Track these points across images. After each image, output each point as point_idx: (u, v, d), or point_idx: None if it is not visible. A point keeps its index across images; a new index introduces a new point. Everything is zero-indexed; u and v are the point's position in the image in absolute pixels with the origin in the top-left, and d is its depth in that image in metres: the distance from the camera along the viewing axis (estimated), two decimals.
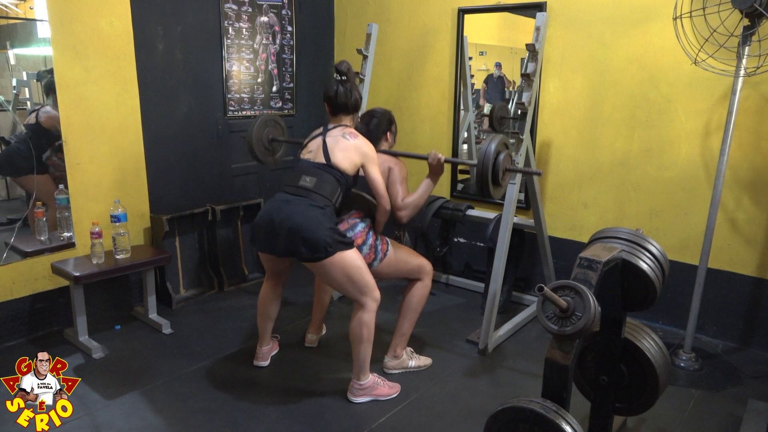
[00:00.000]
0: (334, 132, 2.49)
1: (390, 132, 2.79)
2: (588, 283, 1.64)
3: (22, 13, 2.87)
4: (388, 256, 2.59)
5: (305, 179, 2.40)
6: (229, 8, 3.69)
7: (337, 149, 2.43)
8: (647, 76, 3.09)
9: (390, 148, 2.79)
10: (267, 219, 2.37)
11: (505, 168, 2.34)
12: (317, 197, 2.35)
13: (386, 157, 2.65)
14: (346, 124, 2.54)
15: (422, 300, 2.71)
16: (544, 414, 1.54)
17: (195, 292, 3.66)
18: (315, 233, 2.27)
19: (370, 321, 2.42)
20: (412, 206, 2.56)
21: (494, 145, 2.25)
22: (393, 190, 2.58)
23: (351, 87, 2.50)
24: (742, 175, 2.92)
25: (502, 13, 3.63)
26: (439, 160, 2.53)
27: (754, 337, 3.04)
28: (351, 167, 2.44)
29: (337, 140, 2.46)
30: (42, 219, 3.04)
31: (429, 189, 2.58)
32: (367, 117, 2.77)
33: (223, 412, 2.43)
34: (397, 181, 2.59)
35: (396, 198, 2.56)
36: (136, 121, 3.32)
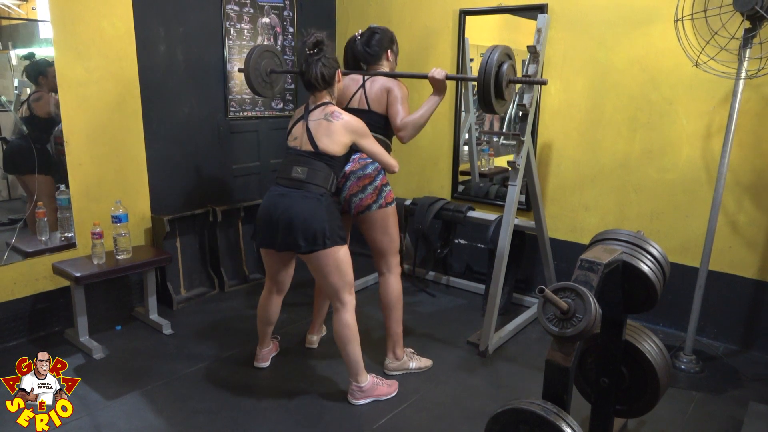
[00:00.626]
0: (316, 113, 2.38)
1: (391, 51, 2.67)
2: (589, 284, 1.64)
3: (24, 14, 2.87)
4: (388, 209, 2.59)
5: (297, 170, 2.36)
6: (231, 9, 3.70)
7: (322, 134, 2.34)
8: (648, 78, 3.09)
9: (391, 70, 2.69)
10: (266, 214, 2.38)
11: (509, 79, 2.26)
12: (312, 187, 2.33)
13: (385, 79, 2.58)
14: (326, 102, 2.40)
15: (398, 296, 2.70)
16: (544, 416, 1.54)
17: (196, 293, 3.66)
18: (312, 225, 2.28)
19: (351, 320, 2.43)
20: (412, 125, 2.48)
21: (496, 55, 2.17)
22: (392, 110, 2.52)
23: (318, 61, 2.32)
24: (743, 177, 2.91)
25: (504, 14, 3.63)
26: (440, 74, 2.46)
27: (754, 340, 3.03)
28: (341, 148, 2.35)
29: (320, 123, 2.35)
30: (43, 219, 3.04)
31: (432, 107, 2.50)
32: (368, 34, 2.64)
33: (224, 413, 2.43)
34: (397, 100, 2.52)
35: (396, 118, 2.50)
36: (138, 121, 3.33)
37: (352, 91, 2.65)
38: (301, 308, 3.47)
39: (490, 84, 2.19)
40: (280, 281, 2.64)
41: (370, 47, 2.63)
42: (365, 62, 2.66)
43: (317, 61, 2.33)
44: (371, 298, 3.64)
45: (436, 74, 2.48)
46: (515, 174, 2.92)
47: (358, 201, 2.57)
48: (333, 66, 2.38)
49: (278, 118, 4.12)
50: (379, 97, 2.57)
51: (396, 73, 2.65)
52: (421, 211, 3.57)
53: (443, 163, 4.01)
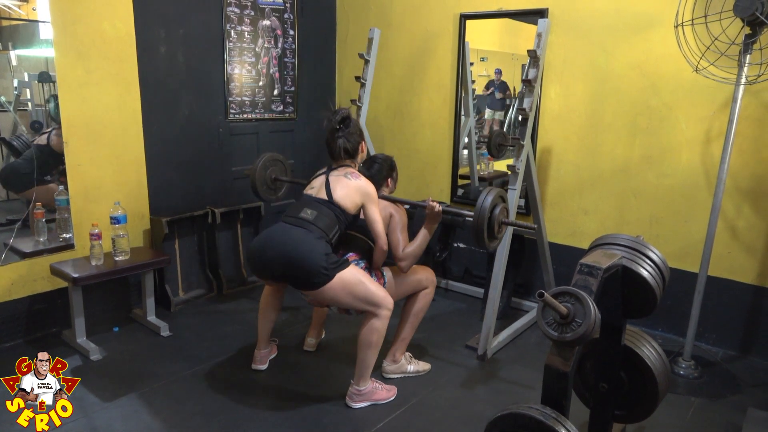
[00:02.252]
0: (337, 172, 2.55)
1: (391, 178, 2.85)
2: (588, 289, 1.64)
3: (24, 15, 2.88)
4: (389, 277, 2.63)
5: (306, 211, 2.44)
6: (232, 11, 3.70)
7: (338, 187, 2.49)
8: (648, 84, 3.10)
9: (390, 194, 2.82)
10: (261, 245, 2.42)
11: (500, 221, 2.38)
12: (314, 228, 2.38)
13: (386, 204, 2.68)
14: (349, 165, 2.59)
15: (425, 306, 2.73)
16: (543, 421, 1.54)
17: (194, 295, 3.66)
18: (309, 259, 2.29)
19: (382, 328, 2.43)
20: (412, 256, 2.58)
21: (490, 198, 2.30)
22: (393, 238, 2.60)
23: (345, 135, 2.54)
24: (742, 182, 2.92)
25: (504, 19, 3.64)
26: (436, 210, 2.55)
27: (753, 346, 3.03)
28: (352, 206, 2.48)
29: (340, 179, 2.51)
30: (41, 220, 3.04)
31: (427, 238, 2.59)
32: (369, 162, 2.83)
33: (221, 416, 2.43)
34: (397, 228, 2.62)
35: (397, 248, 2.59)
36: (137, 123, 3.32)
37: None
38: (300, 311, 3.46)
39: (484, 226, 2.29)
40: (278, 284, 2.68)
41: (371, 175, 2.73)
42: None
43: (341, 137, 2.54)
44: None
45: (432, 209, 2.55)
46: (515, 178, 2.92)
47: None
48: (356, 141, 2.58)
49: (278, 121, 4.13)
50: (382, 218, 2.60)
51: (397, 199, 2.74)
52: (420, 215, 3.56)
53: (443, 167, 4.01)
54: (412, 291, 2.70)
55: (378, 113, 4.22)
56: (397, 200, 2.74)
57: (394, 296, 2.61)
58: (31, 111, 3.08)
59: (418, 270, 2.70)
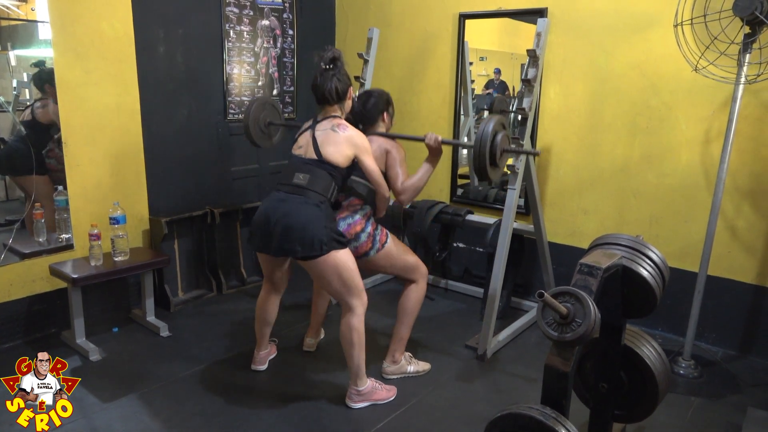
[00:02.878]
0: (323, 124, 2.44)
1: (387, 113, 2.73)
2: (588, 289, 1.64)
3: (23, 15, 2.87)
4: (387, 248, 2.59)
5: (299, 176, 2.37)
6: (231, 11, 3.70)
7: (327, 143, 2.38)
8: (648, 83, 3.10)
9: (387, 131, 2.74)
10: (263, 218, 2.36)
11: (502, 149, 2.31)
12: (312, 194, 2.33)
13: (383, 140, 2.61)
14: (335, 115, 2.46)
15: (418, 303, 2.71)
16: (543, 421, 1.54)
17: (193, 295, 3.65)
18: (310, 231, 2.27)
19: (359, 325, 2.42)
20: (412, 189, 2.52)
21: (491, 125, 2.22)
22: (392, 172, 2.55)
23: (334, 76, 2.40)
24: (742, 182, 2.91)
25: (503, 18, 3.63)
26: (436, 140, 2.50)
27: (753, 345, 3.03)
28: (343, 160, 2.39)
29: (327, 134, 2.40)
30: (40, 220, 3.03)
31: (429, 171, 2.54)
32: (364, 96, 2.71)
33: (221, 416, 2.42)
34: (396, 163, 2.56)
35: (396, 181, 2.53)
36: (137, 123, 3.32)
37: None
38: (300, 311, 3.46)
39: (486, 153, 2.25)
40: (276, 281, 2.66)
41: (366, 110, 2.68)
42: (362, 123, 2.69)
43: (333, 76, 2.41)
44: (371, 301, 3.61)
45: (431, 141, 2.51)
46: (514, 178, 2.92)
47: (354, 249, 2.55)
48: (346, 82, 2.45)
49: None
50: (378, 157, 2.59)
51: (393, 135, 2.68)
52: (419, 215, 3.56)
53: (442, 167, 4.01)
54: (403, 271, 2.66)
55: None
56: (395, 136, 2.67)
57: (389, 263, 2.59)
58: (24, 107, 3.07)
59: (412, 257, 2.67)
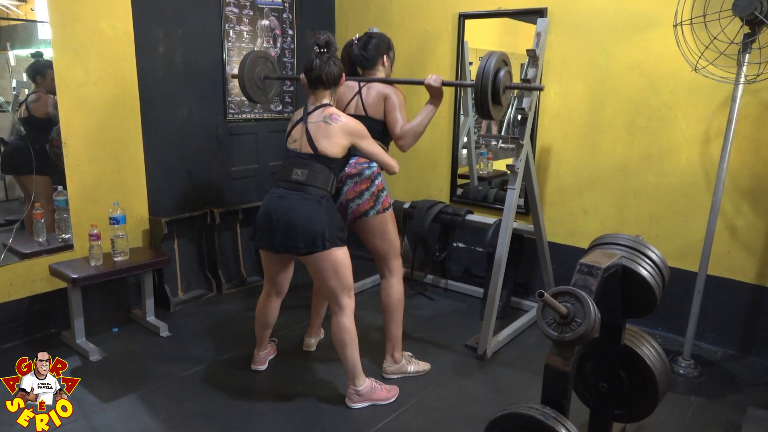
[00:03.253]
0: (314, 115, 2.38)
1: (387, 57, 2.68)
2: (588, 289, 1.64)
3: (22, 15, 2.87)
4: (386, 215, 2.59)
5: (297, 172, 2.36)
6: (230, 11, 3.70)
7: (320, 136, 2.35)
8: (648, 83, 3.10)
9: (387, 76, 2.70)
10: (265, 216, 2.38)
11: (505, 85, 2.28)
12: (312, 189, 2.33)
13: (382, 85, 2.58)
14: (327, 103, 2.41)
15: (400, 299, 2.70)
16: (543, 421, 1.54)
17: (193, 295, 3.65)
18: (312, 227, 2.28)
19: (350, 324, 2.42)
20: (411, 133, 2.49)
21: (493, 61, 2.20)
22: (391, 117, 2.52)
23: (328, 60, 2.36)
24: (741, 182, 2.92)
25: (503, 18, 3.63)
26: (437, 81, 2.47)
27: (753, 345, 3.03)
28: (340, 150, 2.37)
29: (319, 126, 2.36)
30: (40, 220, 3.03)
31: (429, 115, 2.51)
32: (365, 38, 2.65)
33: (221, 416, 2.42)
34: (395, 108, 2.53)
35: (395, 126, 2.50)
36: (136, 123, 3.32)
37: (348, 98, 2.65)
38: (299, 311, 3.46)
39: (488, 90, 2.21)
40: (278, 283, 2.64)
41: (366, 51, 2.63)
42: (361, 66, 2.67)
43: (329, 59, 2.37)
44: (369, 301, 3.63)
45: (432, 81, 2.48)
46: (514, 178, 2.92)
47: (355, 207, 2.56)
48: (341, 66, 2.42)
49: (277, 121, 4.12)
50: (377, 104, 2.57)
51: (392, 80, 2.64)
52: (419, 215, 3.56)
53: (442, 167, 4.01)
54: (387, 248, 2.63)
55: None
56: (394, 81, 2.63)
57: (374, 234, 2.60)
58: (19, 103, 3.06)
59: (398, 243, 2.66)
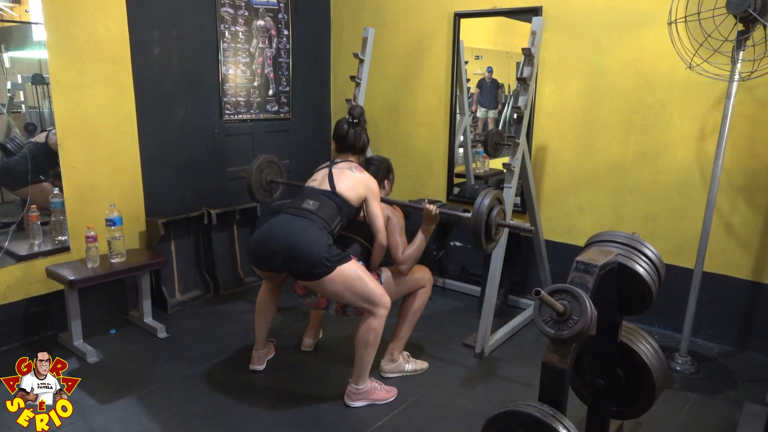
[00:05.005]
0: (341, 165, 2.59)
1: (387, 180, 2.84)
2: (585, 286, 1.64)
3: (17, 17, 2.86)
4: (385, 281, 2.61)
5: (308, 203, 2.45)
6: (226, 12, 3.69)
7: (342, 179, 2.51)
8: (643, 81, 3.11)
9: (386, 196, 2.81)
10: (264, 236, 2.41)
11: (497, 223, 2.39)
12: (317, 219, 2.39)
13: (383, 206, 2.67)
14: (352, 161, 2.63)
15: (422, 305, 2.73)
16: (541, 418, 1.54)
17: (191, 296, 3.65)
18: (312, 249, 2.29)
19: (379, 327, 2.43)
20: (412, 259, 2.59)
21: (487, 201, 2.31)
22: (393, 240, 2.60)
23: (361, 130, 2.63)
24: (737, 179, 2.93)
25: (498, 17, 3.64)
26: (434, 212, 2.55)
27: (749, 341, 3.04)
28: (355, 198, 2.50)
29: (343, 171, 2.54)
30: (37, 223, 3.02)
31: (425, 240, 2.60)
32: (365, 164, 2.80)
33: (219, 417, 2.42)
34: (396, 231, 2.62)
35: (396, 251, 2.59)
36: (132, 124, 3.31)
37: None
38: (298, 311, 3.46)
39: (482, 228, 2.31)
40: (275, 281, 2.70)
41: None
42: None
43: (362, 131, 2.65)
44: None
45: (429, 211, 2.55)
46: (510, 176, 2.92)
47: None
48: (367, 138, 2.69)
49: (273, 121, 4.12)
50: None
51: (394, 201, 2.75)
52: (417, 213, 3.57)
53: (438, 166, 4.02)
54: (409, 290, 2.70)
55: (373, 113, 4.21)
56: (394, 202, 2.75)
57: (393, 296, 2.60)
58: (25, 113, 3.07)
59: (415, 270, 2.69)
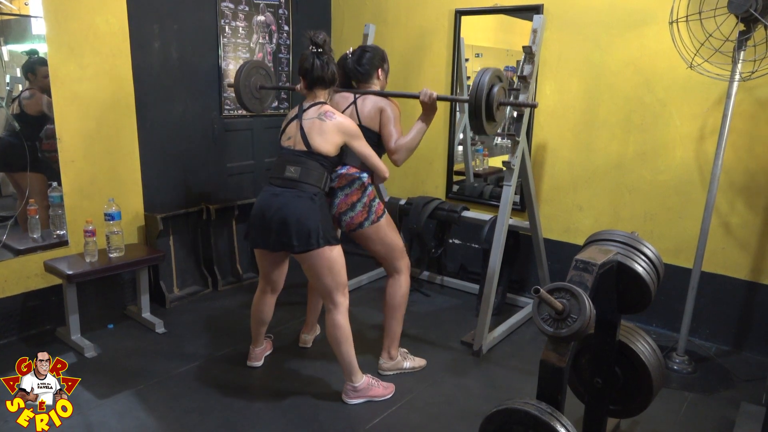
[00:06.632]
0: (310, 113, 2.39)
1: (382, 69, 2.68)
2: (584, 285, 1.65)
3: (16, 9, 2.85)
4: (381, 222, 2.58)
5: (290, 170, 2.37)
6: (226, 7, 3.68)
7: (315, 133, 2.35)
8: (643, 80, 3.10)
9: (382, 88, 2.70)
10: (258, 214, 2.39)
11: (499, 101, 2.29)
12: (305, 186, 2.34)
13: (377, 98, 2.59)
14: (322, 101, 2.43)
15: (404, 297, 2.70)
16: (538, 416, 1.54)
17: (189, 292, 3.65)
18: (306, 225, 2.29)
19: (344, 321, 2.43)
20: (405, 148, 2.50)
21: (487, 77, 2.21)
22: (386, 131, 2.53)
23: (327, 59, 2.39)
24: (736, 179, 2.93)
25: (499, 15, 3.63)
26: (431, 97, 2.47)
27: (746, 341, 3.05)
28: (333, 148, 2.38)
29: (314, 123, 2.36)
30: (35, 217, 3.02)
31: (423, 130, 2.52)
32: (359, 52, 2.65)
33: (216, 413, 2.42)
34: (390, 121, 2.53)
35: (389, 140, 2.51)
36: (131, 119, 3.31)
37: (342, 108, 2.64)
38: (295, 307, 3.46)
39: (482, 106, 2.23)
40: (273, 280, 2.64)
41: (360, 65, 2.64)
42: (356, 80, 2.67)
43: (331, 60, 2.40)
44: (365, 297, 3.64)
45: (426, 96, 2.48)
46: (510, 174, 2.92)
47: (349, 219, 2.56)
48: (334, 67, 2.43)
49: (273, 117, 4.11)
50: (372, 116, 2.57)
51: (387, 92, 2.65)
52: (415, 211, 3.57)
53: (438, 163, 4.01)
54: (389, 251, 2.64)
55: None
56: (389, 93, 2.64)
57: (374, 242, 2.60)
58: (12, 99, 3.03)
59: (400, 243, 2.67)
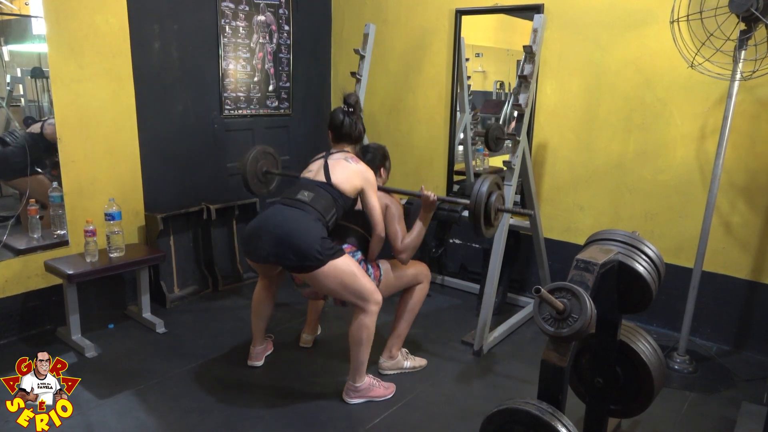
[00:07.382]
0: (337, 155, 2.54)
1: (384, 168, 2.81)
2: (584, 285, 1.64)
3: (16, 9, 2.85)
4: (383, 279, 2.60)
5: (303, 193, 2.41)
6: (226, 7, 3.68)
7: (338, 170, 2.46)
8: (643, 79, 3.10)
9: (383, 185, 2.79)
10: (257, 226, 2.38)
11: (496, 208, 2.38)
12: (311, 210, 2.35)
13: (381, 194, 2.65)
14: (348, 151, 2.59)
15: (420, 302, 2.72)
16: (539, 416, 1.54)
17: (189, 292, 3.65)
18: (304, 241, 2.25)
19: (371, 324, 2.41)
20: (411, 248, 2.57)
21: (486, 186, 2.30)
22: (391, 229, 2.59)
23: (357, 119, 2.57)
24: (737, 178, 2.93)
25: (500, 14, 3.63)
26: (432, 199, 2.54)
27: (747, 340, 3.05)
28: (351, 189, 2.46)
29: (339, 162, 2.49)
30: (35, 216, 3.02)
31: (424, 229, 2.59)
32: (362, 152, 2.77)
33: (217, 412, 2.42)
34: (394, 220, 2.60)
35: (396, 239, 2.57)
36: (132, 119, 3.31)
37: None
38: (296, 307, 3.46)
39: (480, 213, 2.30)
40: (271, 276, 2.68)
41: None
42: None
43: (359, 119, 2.60)
44: None
45: (427, 198, 2.53)
46: (511, 174, 2.92)
47: None
48: (362, 127, 2.64)
49: (273, 117, 4.11)
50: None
51: (391, 189, 2.72)
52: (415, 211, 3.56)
53: (438, 163, 4.01)
54: (407, 285, 2.69)
55: (373, 109, 4.21)
56: (391, 190, 2.72)
57: (391, 289, 2.60)
58: (24, 107, 3.06)
59: (413, 264, 2.69)
